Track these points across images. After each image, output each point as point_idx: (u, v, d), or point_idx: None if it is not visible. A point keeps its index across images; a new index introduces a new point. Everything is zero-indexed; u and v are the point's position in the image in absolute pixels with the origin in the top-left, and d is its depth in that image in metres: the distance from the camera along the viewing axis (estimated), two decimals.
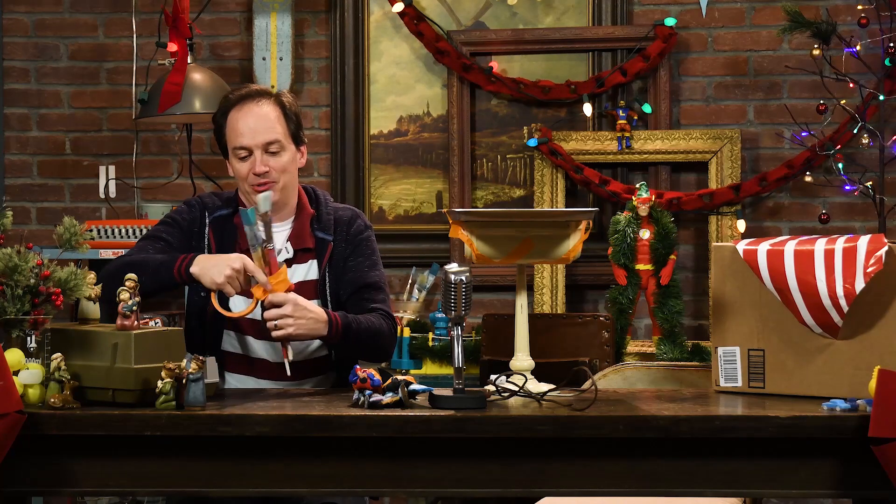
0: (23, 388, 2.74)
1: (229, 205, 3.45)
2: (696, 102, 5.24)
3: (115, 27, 5.46)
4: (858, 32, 4.91)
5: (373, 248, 3.46)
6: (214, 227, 3.42)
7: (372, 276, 3.41)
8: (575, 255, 3.00)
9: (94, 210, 5.44)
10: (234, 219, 3.42)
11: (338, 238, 3.42)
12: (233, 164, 3.41)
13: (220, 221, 3.43)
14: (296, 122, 3.43)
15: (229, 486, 2.73)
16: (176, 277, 3.23)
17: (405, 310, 5.13)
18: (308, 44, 5.39)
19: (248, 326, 3.36)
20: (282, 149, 3.37)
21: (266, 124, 3.37)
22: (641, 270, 4.69)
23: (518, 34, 5.27)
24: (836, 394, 2.82)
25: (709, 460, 2.68)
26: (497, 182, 5.32)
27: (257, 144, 3.35)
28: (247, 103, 3.39)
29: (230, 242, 3.39)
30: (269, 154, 3.36)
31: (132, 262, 3.27)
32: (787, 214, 5.20)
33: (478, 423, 2.67)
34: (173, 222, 3.44)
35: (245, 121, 3.37)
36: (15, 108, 5.49)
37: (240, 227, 3.37)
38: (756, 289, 2.97)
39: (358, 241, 3.43)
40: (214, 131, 3.47)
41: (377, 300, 3.38)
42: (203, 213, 3.44)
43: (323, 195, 3.51)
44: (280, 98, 3.42)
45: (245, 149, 3.37)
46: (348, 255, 3.41)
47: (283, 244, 3.39)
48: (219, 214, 3.43)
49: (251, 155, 3.36)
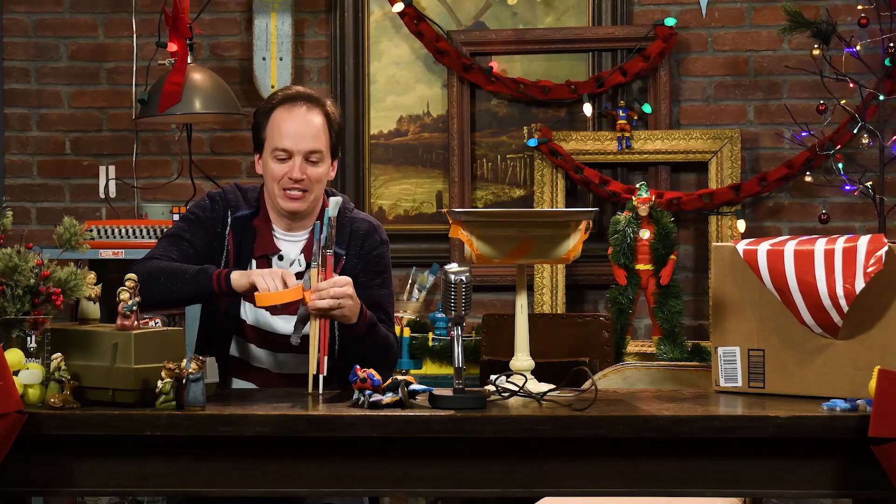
0: (23, 388, 2.74)
1: (252, 205, 3.41)
2: (696, 102, 5.24)
3: (115, 27, 5.46)
4: (858, 32, 4.91)
5: (385, 265, 3.42)
6: (235, 227, 3.38)
7: (381, 296, 3.38)
8: (575, 255, 3.00)
9: (94, 210, 5.44)
10: (253, 220, 3.39)
11: (351, 253, 3.37)
12: (267, 162, 3.35)
13: (240, 222, 3.39)
14: (337, 133, 3.40)
15: (229, 486, 2.73)
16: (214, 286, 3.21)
17: (405, 310, 5.13)
18: (308, 44, 5.39)
19: (255, 336, 3.35)
20: (321, 160, 3.34)
21: (312, 132, 3.33)
22: (641, 270, 4.69)
23: (518, 34, 5.27)
24: (836, 394, 2.82)
25: (709, 460, 2.68)
26: (497, 182, 5.32)
27: (300, 150, 3.31)
28: (297, 106, 3.34)
29: (248, 245, 3.37)
30: (309, 163, 3.32)
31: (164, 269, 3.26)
32: (787, 214, 5.20)
33: (478, 423, 2.67)
34: (196, 220, 3.39)
35: (292, 123, 3.32)
36: (15, 108, 5.49)
37: (258, 228, 3.37)
38: (756, 289, 2.97)
39: (371, 257, 3.39)
40: (253, 126, 3.41)
41: (385, 321, 3.36)
42: (226, 210, 3.40)
43: (345, 202, 3.42)
44: (327, 109, 3.37)
45: (287, 151, 3.32)
46: (359, 270, 3.36)
47: (297, 255, 3.38)
48: (240, 215, 3.39)
49: (290, 159, 3.32)
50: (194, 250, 3.36)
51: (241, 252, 3.36)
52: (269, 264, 3.36)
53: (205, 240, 3.37)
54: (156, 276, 3.22)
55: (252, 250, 3.36)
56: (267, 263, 3.36)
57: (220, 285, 3.21)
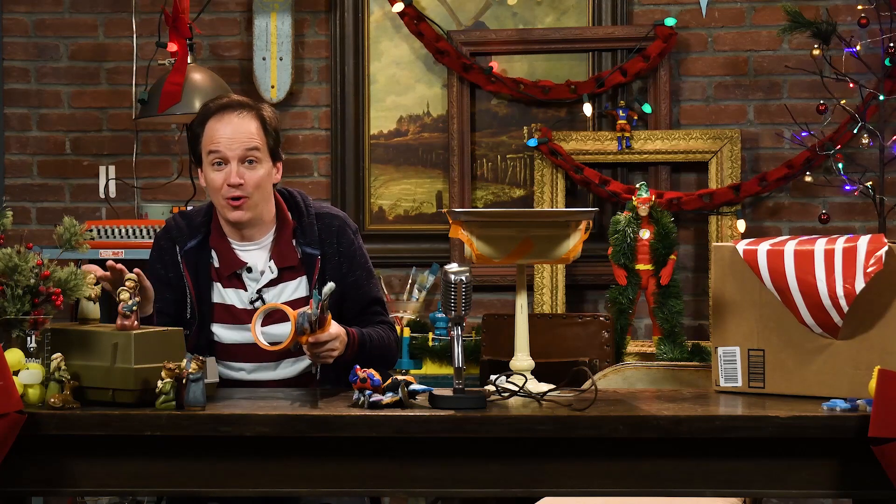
0: (23, 388, 2.74)
1: (199, 230, 3.36)
2: (696, 102, 5.24)
3: (115, 27, 5.46)
4: (858, 32, 4.91)
5: (365, 255, 3.41)
6: (187, 261, 3.34)
7: (374, 290, 3.40)
8: (575, 255, 3.00)
9: (94, 210, 5.44)
10: (208, 242, 3.35)
11: (328, 251, 3.34)
12: (206, 173, 3.30)
13: (191, 254, 3.34)
14: (275, 137, 3.34)
15: (229, 486, 2.73)
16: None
17: (405, 310, 5.13)
18: (308, 44, 5.39)
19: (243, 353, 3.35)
20: (258, 161, 3.28)
21: (245, 136, 3.28)
22: (641, 270, 4.69)
23: (518, 34, 5.27)
24: (836, 394, 2.82)
25: (709, 460, 2.68)
26: (497, 182, 5.32)
27: (234, 155, 3.27)
28: (227, 113, 3.30)
29: (205, 273, 3.33)
30: (246, 165, 3.27)
31: None
32: (787, 214, 5.20)
33: (478, 423, 2.67)
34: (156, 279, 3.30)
35: (224, 129, 3.28)
36: (15, 108, 5.49)
37: (216, 248, 3.33)
38: (756, 289, 2.97)
39: (351, 252, 3.36)
40: (189, 140, 3.38)
41: (382, 313, 3.39)
42: (173, 249, 3.35)
43: (302, 199, 3.40)
44: (261, 111, 3.32)
45: (220, 156, 3.27)
46: (346, 270, 3.34)
47: (265, 264, 3.33)
48: (189, 247, 3.35)
49: (226, 165, 3.27)
50: (168, 310, 3.31)
51: (199, 283, 3.32)
52: (239, 279, 3.33)
53: (172, 292, 3.33)
54: None
55: (211, 276, 3.33)
56: (237, 279, 3.33)
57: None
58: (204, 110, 3.36)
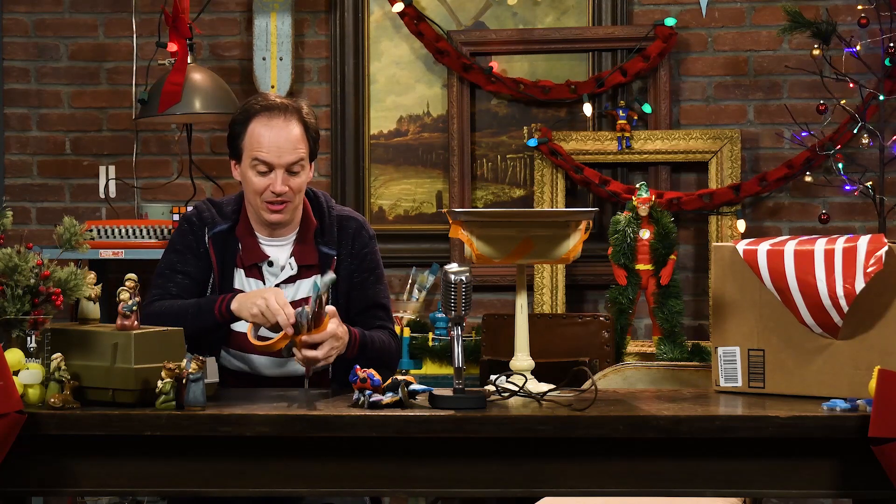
0: (23, 388, 2.74)
1: (229, 217, 3.40)
2: (696, 102, 5.24)
3: (115, 27, 5.46)
4: (858, 32, 4.91)
5: (377, 261, 3.43)
6: (215, 243, 3.36)
7: (379, 296, 3.41)
8: (575, 255, 3.00)
9: (94, 210, 5.44)
10: (235, 231, 3.38)
11: (342, 252, 3.38)
12: (247, 174, 3.33)
13: (220, 237, 3.37)
14: (315, 139, 3.38)
15: (229, 486, 2.73)
16: (217, 317, 3.23)
17: (405, 310, 5.13)
18: (308, 44, 5.39)
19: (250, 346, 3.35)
20: (302, 168, 3.33)
21: (292, 144, 3.30)
22: (641, 270, 4.69)
23: (518, 34, 5.27)
24: (836, 394, 2.82)
25: (709, 460, 2.68)
26: (497, 182, 5.32)
27: (282, 164, 3.29)
28: (274, 117, 3.31)
29: (231, 258, 3.37)
30: (291, 173, 3.31)
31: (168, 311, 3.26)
32: (787, 214, 5.20)
33: (478, 423, 2.67)
34: (182, 248, 3.37)
35: (271, 136, 3.29)
36: (15, 108, 5.49)
37: (241, 239, 3.36)
38: (756, 289, 2.97)
39: (363, 255, 3.40)
40: (229, 135, 3.38)
41: (385, 318, 3.40)
42: (203, 229, 3.38)
43: (325, 200, 3.44)
44: (304, 116, 3.34)
45: (268, 165, 3.30)
46: (354, 269, 3.38)
47: (286, 260, 3.37)
48: (218, 230, 3.38)
49: (271, 171, 3.30)
50: (190, 279, 3.35)
51: (224, 266, 3.35)
52: (259, 272, 3.36)
53: (195, 265, 3.36)
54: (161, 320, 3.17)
55: (236, 262, 3.36)
56: (258, 271, 3.36)
57: (223, 315, 3.22)
58: (247, 108, 3.36)
